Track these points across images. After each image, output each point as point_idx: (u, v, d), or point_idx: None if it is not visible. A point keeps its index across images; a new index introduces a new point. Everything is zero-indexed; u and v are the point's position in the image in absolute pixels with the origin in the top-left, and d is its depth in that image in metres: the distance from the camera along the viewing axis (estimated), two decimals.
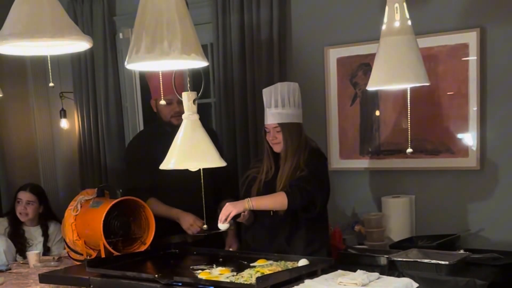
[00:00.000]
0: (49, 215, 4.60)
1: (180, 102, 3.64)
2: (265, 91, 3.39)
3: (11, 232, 4.43)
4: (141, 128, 5.11)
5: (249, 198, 3.25)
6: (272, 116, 3.33)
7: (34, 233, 4.50)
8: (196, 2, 4.36)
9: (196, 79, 2.85)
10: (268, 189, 3.37)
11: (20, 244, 4.38)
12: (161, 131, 3.71)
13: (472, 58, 3.72)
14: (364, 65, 4.07)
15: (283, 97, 3.31)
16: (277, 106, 3.31)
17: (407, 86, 2.09)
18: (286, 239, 3.38)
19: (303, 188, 3.23)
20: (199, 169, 2.27)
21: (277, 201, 3.24)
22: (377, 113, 4.09)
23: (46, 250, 4.46)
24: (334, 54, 4.18)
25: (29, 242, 4.43)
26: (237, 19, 4.35)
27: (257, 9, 4.27)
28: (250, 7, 4.30)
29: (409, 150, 2.15)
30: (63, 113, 5.42)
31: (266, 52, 4.27)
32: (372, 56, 3.93)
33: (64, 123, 5.46)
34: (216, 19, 4.44)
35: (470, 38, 3.71)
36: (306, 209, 3.31)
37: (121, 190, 3.48)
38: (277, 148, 3.38)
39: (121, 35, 5.02)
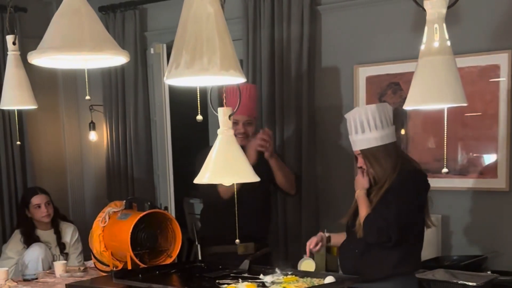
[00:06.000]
0: (56, 213, 4.57)
1: (246, 124, 3.66)
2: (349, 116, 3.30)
3: (26, 240, 4.37)
4: (169, 142, 5.13)
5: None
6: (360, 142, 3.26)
7: (49, 236, 4.46)
8: (227, 19, 4.34)
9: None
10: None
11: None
12: None
13: (503, 79, 3.71)
14: (394, 84, 4.06)
15: (377, 118, 3.17)
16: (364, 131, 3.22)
17: (445, 106, 2.07)
18: (370, 260, 3.21)
19: (379, 226, 3.09)
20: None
21: None
22: (402, 131, 4.08)
23: (63, 249, 4.44)
24: (363, 73, 4.18)
25: (48, 245, 4.41)
26: (268, 36, 4.38)
27: (288, 26, 4.30)
28: (281, 24, 4.33)
29: (445, 170, 2.12)
30: (92, 126, 5.51)
31: (295, 69, 4.30)
32: (401, 75, 3.99)
33: (93, 136, 5.53)
34: (247, 35, 4.48)
35: (502, 59, 3.70)
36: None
37: (149, 203, 3.50)
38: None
39: (152, 50, 5.06)
